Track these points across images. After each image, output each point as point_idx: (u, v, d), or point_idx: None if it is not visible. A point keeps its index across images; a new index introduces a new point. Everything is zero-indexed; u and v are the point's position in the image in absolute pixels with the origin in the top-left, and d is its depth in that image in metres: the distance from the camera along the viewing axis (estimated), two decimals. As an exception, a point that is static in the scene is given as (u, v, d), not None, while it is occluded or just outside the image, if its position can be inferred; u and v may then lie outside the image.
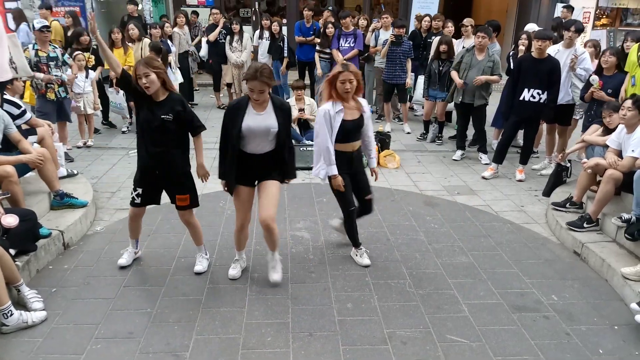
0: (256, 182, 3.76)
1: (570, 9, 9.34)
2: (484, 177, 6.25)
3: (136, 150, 3.80)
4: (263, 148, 3.61)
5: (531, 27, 8.04)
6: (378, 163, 6.70)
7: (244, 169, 3.64)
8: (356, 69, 3.78)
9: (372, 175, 4.20)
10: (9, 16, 9.04)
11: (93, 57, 7.42)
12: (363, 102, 3.96)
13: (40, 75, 6.05)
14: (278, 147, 3.64)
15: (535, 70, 5.74)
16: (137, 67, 3.50)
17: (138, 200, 3.83)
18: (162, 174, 3.76)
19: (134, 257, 4.16)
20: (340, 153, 3.88)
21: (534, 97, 5.80)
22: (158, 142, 3.63)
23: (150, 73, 3.48)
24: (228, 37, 9.10)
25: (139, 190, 3.80)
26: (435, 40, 7.82)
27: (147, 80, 3.48)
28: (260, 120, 3.52)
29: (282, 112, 3.62)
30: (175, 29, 9.22)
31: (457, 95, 6.66)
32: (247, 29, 11.96)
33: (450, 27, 7.89)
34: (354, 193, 4.08)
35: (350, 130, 3.86)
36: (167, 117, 3.57)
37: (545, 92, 5.76)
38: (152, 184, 3.82)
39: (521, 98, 5.86)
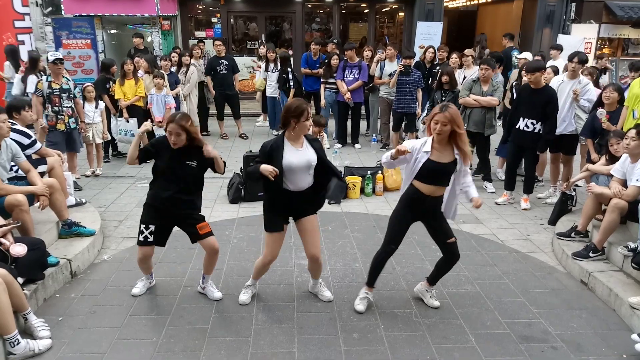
0: (290, 218, 3.81)
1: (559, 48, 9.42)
2: (497, 203, 6.28)
3: (149, 189, 3.87)
4: (304, 184, 3.66)
5: (527, 55, 8.19)
6: (385, 188, 6.77)
7: (281, 206, 3.70)
8: (453, 115, 3.47)
9: (475, 206, 3.77)
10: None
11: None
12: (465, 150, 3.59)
13: (42, 121, 6.29)
14: (317, 183, 3.71)
15: (531, 100, 5.83)
16: (170, 125, 3.61)
17: (151, 238, 3.82)
18: (178, 214, 3.82)
19: (149, 287, 4.19)
20: (415, 190, 3.66)
21: (528, 127, 5.87)
22: (177, 186, 3.73)
23: (182, 134, 3.61)
24: (175, 69, 8.99)
25: (152, 228, 3.81)
26: (439, 71, 7.99)
27: (177, 140, 3.62)
28: (300, 156, 3.59)
29: (316, 146, 3.72)
30: (192, 61, 9.40)
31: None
32: (245, 61, 12.23)
33: (454, 58, 8.04)
34: (434, 239, 3.86)
35: (431, 171, 3.57)
36: (192, 163, 3.73)
37: (540, 123, 5.82)
38: (165, 223, 3.88)
39: (517, 126, 5.95)
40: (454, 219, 3.94)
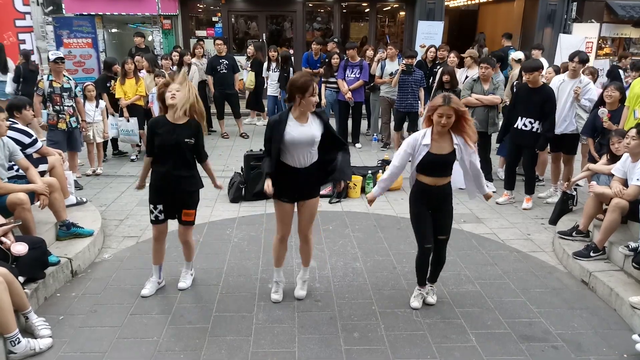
0: (297, 197, 3.82)
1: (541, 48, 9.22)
2: (497, 203, 6.27)
3: (151, 170, 3.95)
4: (307, 160, 3.67)
5: (517, 55, 8.20)
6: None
7: (288, 183, 3.71)
8: (459, 104, 3.51)
9: (486, 199, 3.94)
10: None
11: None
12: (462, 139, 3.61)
13: (41, 120, 6.34)
14: (321, 159, 3.75)
15: (529, 99, 5.83)
16: (171, 84, 3.71)
17: (162, 217, 3.93)
18: (175, 191, 3.88)
19: (158, 288, 4.16)
20: (420, 183, 3.74)
21: (526, 126, 5.86)
22: (177, 162, 3.79)
23: (181, 90, 3.66)
24: (176, 68, 8.93)
25: (160, 207, 3.90)
26: (440, 70, 7.99)
27: (177, 95, 3.65)
28: (303, 131, 3.60)
29: (322, 121, 3.72)
30: (194, 60, 9.40)
31: None
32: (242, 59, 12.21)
33: (452, 57, 8.01)
34: (432, 231, 3.83)
35: (432, 163, 3.61)
36: (189, 140, 3.77)
37: (537, 122, 5.81)
38: (168, 200, 3.92)
39: (515, 126, 5.96)
40: (483, 191, 3.90)
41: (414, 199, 3.82)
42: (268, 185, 3.60)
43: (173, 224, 4.05)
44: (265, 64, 9.72)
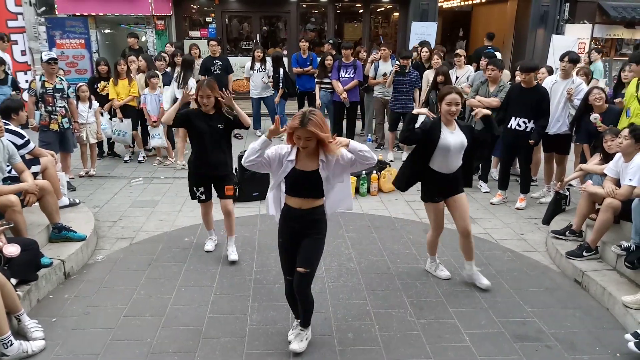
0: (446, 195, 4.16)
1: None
2: (492, 203, 6.30)
3: (191, 159, 4.60)
4: (454, 165, 4.07)
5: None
6: (379, 189, 6.76)
7: (438, 186, 4.12)
8: (316, 126, 2.96)
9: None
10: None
11: (109, 85, 7.75)
12: (334, 157, 3.09)
13: (33, 121, 6.31)
14: (464, 163, 4.16)
15: (522, 99, 5.86)
16: (201, 88, 4.30)
17: (203, 197, 4.65)
18: (214, 173, 4.55)
19: (215, 244, 4.93)
20: (286, 205, 3.27)
21: (520, 126, 5.89)
22: (211, 147, 4.42)
23: (212, 96, 4.30)
24: (169, 69, 8.84)
25: (201, 189, 4.61)
26: (427, 72, 8.05)
27: (208, 102, 4.31)
28: (455, 137, 4.02)
29: (468, 130, 4.17)
30: None
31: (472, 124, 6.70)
32: (239, 61, 12.17)
33: (436, 60, 8.03)
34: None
35: (298, 179, 3.15)
36: (220, 126, 4.41)
37: (531, 122, 5.84)
38: (207, 183, 4.63)
39: (508, 126, 5.98)
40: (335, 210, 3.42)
41: (279, 225, 3.33)
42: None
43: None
44: (249, 64, 9.61)
